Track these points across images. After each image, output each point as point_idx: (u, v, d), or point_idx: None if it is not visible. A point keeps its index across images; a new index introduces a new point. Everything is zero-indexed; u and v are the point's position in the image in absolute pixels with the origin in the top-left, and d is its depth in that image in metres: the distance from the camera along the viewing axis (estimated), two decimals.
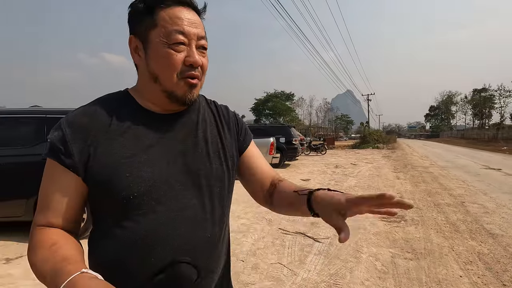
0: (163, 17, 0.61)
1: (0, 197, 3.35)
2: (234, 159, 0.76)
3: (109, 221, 0.62)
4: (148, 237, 0.60)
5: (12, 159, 3.39)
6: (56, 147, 0.60)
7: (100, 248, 0.63)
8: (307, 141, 17.95)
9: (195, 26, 0.64)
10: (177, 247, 0.61)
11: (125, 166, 0.60)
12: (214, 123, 0.75)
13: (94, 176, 0.60)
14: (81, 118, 0.62)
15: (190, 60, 0.63)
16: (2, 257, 2.99)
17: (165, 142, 0.65)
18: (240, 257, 2.98)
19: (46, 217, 0.60)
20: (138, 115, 0.66)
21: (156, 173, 0.62)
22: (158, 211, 0.61)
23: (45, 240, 0.57)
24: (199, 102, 0.75)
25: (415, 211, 4.71)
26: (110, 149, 0.61)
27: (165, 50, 0.61)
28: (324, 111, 73.31)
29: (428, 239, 3.49)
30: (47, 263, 0.52)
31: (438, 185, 6.95)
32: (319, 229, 3.87)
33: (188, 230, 0.63)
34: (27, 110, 3.78)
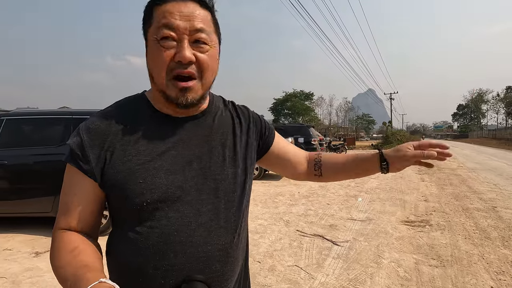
0: (157, 13, 0.60)
1: (31, 194, 3.54)
2: (253, 162, 0.74)
3: (125, 225, 0.62)
4: (160, 243, 0.59)
5: (41, 157, 3.57)
6: (75, 153, 0.61)
7: (116, 251, 0.64)
8: (326, 141, 17.64)
9: (188, 19, 0.59)
10: (190, 255, 0.60)
11: (140, 172, 0.60)
12: (231, 126, 0.73)
13: (109, 181, 0.61)
14: (98, 123, 0.63)
15: (177, 56, 0.59)
16: (32, 251, 3.16)
17: (180, 147, 0.64)
18: (256, 258, 2.96)
19: (67, 221, 0.62)
20: (153, 119, 0.66)
21: (170, 179, 0.61)
22: (171, 217, 0.60)
23: (66, 244, 0.59)
24: (215, 104, 0.74)
25: (442, 216, 4.48)
26: (125, 154, 0.61)
27: (155, 46, 0.60)
28: (344, 110, 71.74)
29: (455, 246, 3.30)
30: (67, 267, 0.54)
31: (467, 188, 6.58)
32: (338, 231, 3.77)
33: (202, 237, 0.61)
34: (55, 111, 3.97)
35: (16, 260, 2.94)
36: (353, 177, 0.86)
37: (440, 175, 8.68)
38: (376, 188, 6.80)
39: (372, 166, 0.81)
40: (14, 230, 3.76)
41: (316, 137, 11.67)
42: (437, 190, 6.51)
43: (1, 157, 3.51)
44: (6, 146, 3.63)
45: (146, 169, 0.60)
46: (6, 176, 3.53)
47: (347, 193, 6.23)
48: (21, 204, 3.57)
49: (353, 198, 5.76)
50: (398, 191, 6.43)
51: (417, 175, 8.90)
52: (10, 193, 3.55)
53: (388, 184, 7.32)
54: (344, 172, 0.85)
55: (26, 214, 3.66)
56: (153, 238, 0.59)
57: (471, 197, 5.73)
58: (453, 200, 5.49)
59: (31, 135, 3.81)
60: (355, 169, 0.84)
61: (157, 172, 0.61)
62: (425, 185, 7.08)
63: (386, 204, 5.26)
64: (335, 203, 5.39)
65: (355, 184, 7.30)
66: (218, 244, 0.63)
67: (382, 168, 0.79)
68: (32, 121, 3.87)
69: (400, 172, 9.53)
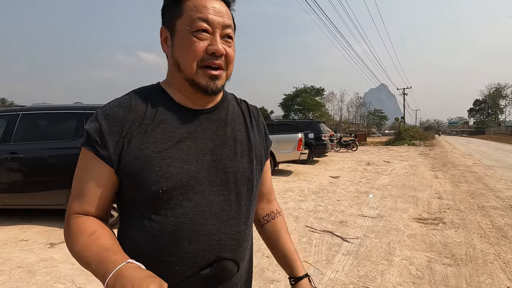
0: (189, 6, 0.63)
1: (46, 187, 3.64)
2: (263, 158, 0.77)
3: (139, 214, 0.63)
4: (175, 231, 0.61)
5: (55, 151, 3.66)
6: (93, 138, 0.62)
7: (129, 239, 0.65)
8: (337, 137, 17.43)
9: (220, 15, 0.64)
10: (204, 243, 0.62)
11: (156, 160, 0.61)
12: (243, 122, 0.75)
13: (126, 168, 0.61)
14: (116, 109, 0.64)
15: (212, 49, 0.62)
16: (47, 242, 3.25)
17: (194, 138, 0.66)
18: (265, 253, 2.96)
19: (82, 206, 0.62)
20: (170, 109, 0.67)
21: (185, 168, 0.62)
22: (186, 206, 0.62)
23: (83, 228, 0.59)
24: (229, 100, 0.76)
25: (456, 213, 4.36)
26: (143, 142, 0.62)
27: (188, 37, 0.62)
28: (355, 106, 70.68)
29: (470, 244, 3.21)
30: (89, 250, 0.55)
31: (483, 186, 6.38)
32: (348, 228, 3.73)
33: (215, 226, 0.64)
34: (68, 106, 4.04)
35: (32, 250, 3.03)
36: (271, 252, 0.88)
37: (454, 172, 8.45)
38: (388, 184, 6.68)
39: (286, 270, 0.85)
40: (31, 222, 3.88)
41: (327, 133, 11.55)
42: (451, 187, 6.34)
43: (17, 151, 3.62)
44: (21, 140, 3.73)
45: (162, 157, 0.61)
46: (22, 169, 3.63)
47: (357, 190, 6.15)
48: (36, 197, 3.68)
49: (364, 195, 5.68)
50: (411, 188, 6.30)
51: (431, 172, 8.69)
52: (26, 186, 3.66)
53: (400, 180, 7.18)
54: (272, 244, 0.86)
55: (41, 206, 3.77)
56: (168, 226, 0.61)
57: (487, 195, 5.55)
58: (468, 198, 5.34)
59: (46, 129, 3.91)
60: (276, 255, 0.86)
61: (172, 161, 0.62)
62: (439, 182, 6.91)
63: (398, 201, 5.17)
64: (345, 199, 5.33)
65: (366, 181, 7.20)
66: (230, 234, 0.66)
67: (290, 283, 0.83)
68: (46, 116, 3.97)
69: (412, 169, 9.35)
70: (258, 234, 0.88)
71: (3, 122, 3.85)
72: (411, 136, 27.30)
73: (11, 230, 3.61)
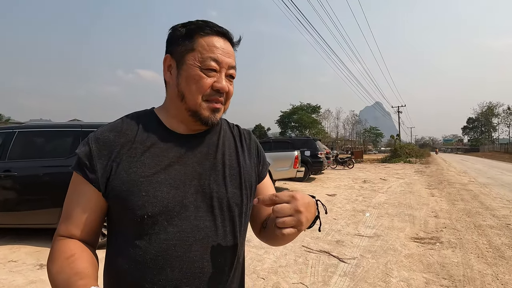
0: (201, 43, 0.66)
1: (39, 205, 3.58)
2: (252, 184, 0.76)
3: (124, 239, 0.63)
4: (158, 258, 0.60)
5: (50, 169, 3.62)
6: (82, 162, 0.63)
7: (114, 264, 0.65)
8: (333, 154, 17.50)
9: (228, 56, 0.68)
10: (187, 270, 0.61)
11: (143, 185, 0.61)
12: (234, 147, 0.76)
13: (113, 192, 0.62)
14: (107, 134, 0.66)
15: (217, 86, 0.66)
16: (37, 263, 3.16)
17: (184, 162, 0.67)
18: (261, 275, 2.90)
19: (68, 228, 0.63)
20: (160, 134, 0.68)
21: (172, 193, 0.63)
22: (170, 232, 0.61)
23: (63, 251, 0.59)
24: (221, 125, 0.78)
25: (453, 233, 4.34)
26: (131, 166, 0.63)
27: (197, 72, 0.65)
28: (351, 123, 71.44)
29: (467, 265, 3.17)
30: (61, 274, 0.55)
31: (479, 204, 6.39)
32: (345, 248, 3.68)
33: (199, 252, 0.62)
34: (65, 124, 4.06)
35: (20, 272, 2.94)
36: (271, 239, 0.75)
37: (450, 190, 8.46)
38: (384, 203, 6.66)
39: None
40: (21, 241, 3.78)
41: (323, 150, 11.61)
42: (447, 205, 6.34)
43: (11, 169, 3.59)
44: (16, 158, 3.70)
45: (149, 182, 0.62)
46: (15, 188, 3.59)
47: (354, 208, 6.11)
48: (28, 215, 3.61)
49: (360, 213, 5.64)
50: (407, 206, 6.28)
51: (427, 190, 8.70)
52: (18, 204, 3.59)
53: (396, 199, 7.16)
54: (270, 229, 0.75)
55: (33, 225, 3.69)
56: (151, 252, 0.60)
57: (484, 213, 5.55)
58: (464, 217, 5.32)
59: (41, 147, 3.89)
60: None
61: (159, 185, 0.62)
62: (435, 201, 6.90)
63: (395, 219, 5.14)
64: (342, 218, 5.29)
65: (363, 199, 7.17)
66: (214, 261, 0.64)
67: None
68: (42, 134, 3.96)
69: (409, 187, 9.35)
70: (250, 255, 0.85)
71: None
72: (407, 154, 27.50)
73: (0, 250, 3.51)
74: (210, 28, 0.67)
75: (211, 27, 0.68)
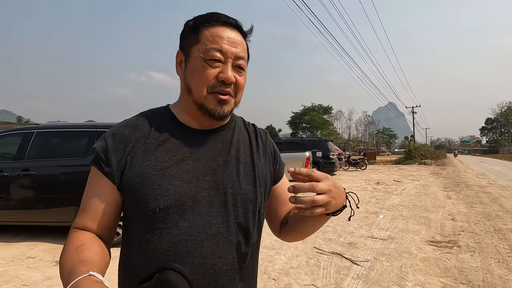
0: (205, 35, 0.65)
1: (56, 204, 3.69)
2: (267, 182, 0.74)
3: (136, 233, 0.63)
4: (169, 253, 0.60)
5: (67, 168, 3.73)
6: (99, 156, 0.65)
7: (127, 260, 0.65)
8: (345, 156, 17.27)
9: (235, 45, 0.66)
10: (198, 266, 0.60)
11: (156, 178, 0.62)
12: (248, 145, 0.74)
13: (127, 185, 0.63)
14: (123, 129, 0.67)
15: (222, 76, 0.64)
16: (54, 260, 3.25)
17: (197, 158, 0.66)
18: (272, 276, 2.88)
19: (83, 221, 0.64)
20: (175, 129, 0.69)
21: (184, 187, 0.62)
22: (181, 227, 0.61)
23: (74, 241, 0.60)
24: (236, 123, 0.76)
25: (471, 237, 4.18)
26: (145, 160, 0.63)
27: (200, 64, 0.65)
28: (364, 124, 70.28)
29: (487, 270, 3.05)
30: (68, 262, 0.55)
31: (499, 207, 6.14)
32: (358, 250, 3.61)
33: (210, 248, 0.61)
34: (81, 124, 4.17)
35: (38, 268, 3.03)
36: (308, 229, 0.73)
37: (468, 193, 8.18)
38: (398, 205, 6.50)
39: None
40: (38, 239, 3.90)
41: (335, 151, 11.48)
42: (465, 208, 6.12)
43: (30, 168, 3.71)
44: (35, 157, 3.83)
45: (162, 175, 0.62)
46: (34, 186, 3.70)
47: (367, 210, 6.00)
48: (46, 213, 3.72)
49: (373, 215, 5.53)
50: (422, 208, 6.11)
51: (443, 192, 8.44)
52: (36, 203, 3.71)
53: (411, 201, 6.98)
54: (299, 220, 0.73)
55: (50, 223, 3.80)
56: (162, 247, 0.60)
57: (504, 217, 5.33)
58: (483, 220, 5.13)
59: (58, 147, 4.01)
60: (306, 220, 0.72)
61: (172, 179, 0.62)
62: (452, 203, 6.69)
63: (410, 222, 5.00)
64: (354, 220, 5.19)
65: (376, 201, 7.03)
66: (226, 258, 0.63)
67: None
68: (59, 134, 4.09)
69: (424, 189, 9.12)
70: (261, 256, 0.83)
71: (18, 140, 3.98)
72: (422, 155, 26.81)
73: (19, 247, 3.63)
74: (216, 18, 0.66)
75: (216, 18, 0.66)
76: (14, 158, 3.86)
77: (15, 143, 3.99)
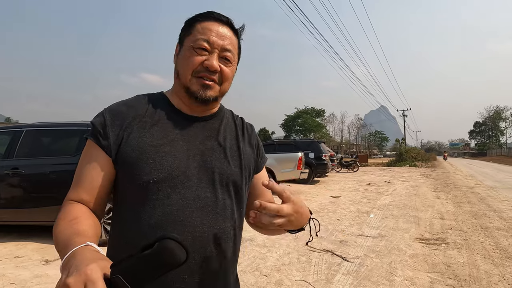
0: (197, 28, 0.72)
1: (45, 203, 3.63)
2: (251, 169, 0.80)
3: (129, 204, 0.67)
4: (162, 221, 0.64)
5: (57, 167, 3.67)
6: (96, 129, 0.68)
7: (118, 233, 0.68)
8: (337, 158, 17.41)
9: (223, 39, 0.72)
10: (188, 234, 0.64)
11: (151, 153, 0.66)
12: (235, 134, 0.80)
13: (123, 158, 0.66)
14: (121, 107, 0.72)
15: (207, 63, 0.70)
16: (42, 259, 3.20)
17: (187, 140, 0.72)
18: (263, 272, 2.90)
19: (78, 192, 0.66)
20: (168, 112, 0.74)
21: (176, 163, 0.67)
22: (173, 198, 0.65)
23: (68, 213, 0.62)
24: (224, 114, 0.82)
25: (458, 234, 4.28)
26: (141, 136, 0.68)
27: (189, 51, 0.71)
28: (356, 127, 70.91)
29: (473, 265, 3.13)
30: (63, 234, 0.57)
31: (486, 207, 6.29)
32: (349, 248, 3.66)
33: (198, 218, 0.66)
34: (71, 123, 4.12)
35: (26, 267, 2.98)
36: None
37: (456, 193, 8.35)
38: (389, 204, 6.60)
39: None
40: (27, 238, 3.83)
41: (327, 153, 11.57)
42: (453, 208, 6.26)
43: (19, 166, 3.65)
44: (24, 156, 3.77)
45: (156, 151, 0.67)
46: (22, 185, 3.65)
47: (358, 209, 6.07)
48: (35, 213, 3.66)
49: (364, 214, 5.60)
50: (412, 208, 6.22)
51: (433, 192, 8.60)
52: (25, 202, 3.65)
53: (401, 201, 7.09)
54: (260, 228, 0.77)
55: (39, 222, 3.74)
56: (155, 216, 0.64)
57: (491, 215, 5.47)
58: (471, 218, 5.25)
59: (48, 145, 3.96)
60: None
61: (165, 155, 0.67)
62: (441, 203, 6.82)
63: (400, 220, 5.09)
64: (346, 218, 5.26)
65: (367, 201, 7.12)
66: (213, 228, 0.67)
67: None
68: (49, 132, 4.04)
69: (414, 189, 9.27)
70: (253, 253, 0.86)
71: (7, 138, 3.92)
72: (413, 158, 27.24)
73: (7, 246, 3.57)
74: (208, 14, 0.73)
75: (209, 14, 0.73)
76: (3, 156, 3.80)
77: (4, 141, 3.93)
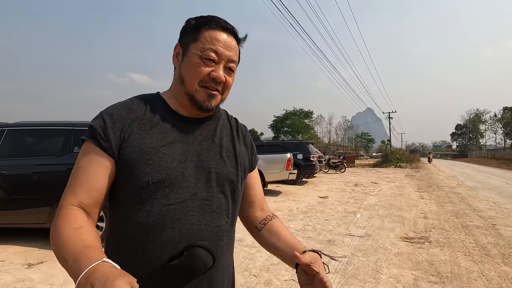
0: (204, 35, 0.72)
1: (28, 205, 3.52)
2: (246, 167, 0.83)
3: (127, 207, 0.68)
4: (160, 219, 0.66)
5: (41, 168, 3.57)
6: (97, 132, 0.68)
7: (116, 234, 0.69)
8: (325, 159, 17.64)
9: (229, 49, 0.73)
10: (186, 231, 0.67)
11: (151, 155, 0.68)
12: (230, 134, 0.83)
13: (124, 159, 0.68)
14: (119, 110, 0.72)
15: (214, 75, 0.72)
16: (25, 262, 3.10)
17: (185, 141, 0.74)
18: (253, 272, 2.91)
19: (76, 195, 0.64)
20: (166, 114, 0.75)
21: (175, 164, 0.69)
22: (171, 198, 0.67)
23: (71, 220, 0.60)
24: (220, 114, 0.85)
25: (441, 233, 4.43)
26: (141, 138, 0.70)
27: (196, 60, 0.72)
28: (343, 129, 72.03)
29: (455, 262, 3.25)
30: (71, 245, 0.55)
31: (466, 206, 6.54)
32: (336, 247, 3.73)
33: (195, 216, 0.69)
34: (56, 122, 4.00)
35: (8, 271, 2.88)
36: (274, 253, 0.82)
37: (439, 193, 8.63)
38: (375, 205, 6.75)
39: (289, 261, 0.77)
40: (8, 242, 3.70)
41: (315, 154, 11.71)
42: (436, 207, 6.47)
43: (0, 167, 3.52)
44: (6, 156, 3.65)
45: (156, 152, 0.69)
46: (4, 186, 3.52)
47: (345, 209, 6.18)
48: (17, 215, 3.54)
49: (351, 214, 5.71)
50: (397, 208, 6.38)
51: (416, 192, 8.85)
52: (7, 203, 3.52)
53: (387, 201, 7.27)
54: (274, 244, 0.81)
55: (22, 225, 3.62)
56: (153, 215, 0.66)
57: (471, 214, 5.68)
58: (452, 218, 5.44)
59: (32, 146, 3.84)
60: (281, 251, 0.79)
61: (164, 157, 0.69)
62: (424, 203, 7.03)
63: (385, 220, 5.22)
64: (333, 219, 5.34)
65: (354, 201, 7.25)
66: (210, 225, 0.70)
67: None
68: (33, 132, 3.91)
69: (399, 190, 9.48)
70: (242, 254, 0.89)
71: None
72: (398, 159, 27.90)
73: None
74: (216, 22, 0.73)
75: (217, 22, 0.73)
76: None
77: None
